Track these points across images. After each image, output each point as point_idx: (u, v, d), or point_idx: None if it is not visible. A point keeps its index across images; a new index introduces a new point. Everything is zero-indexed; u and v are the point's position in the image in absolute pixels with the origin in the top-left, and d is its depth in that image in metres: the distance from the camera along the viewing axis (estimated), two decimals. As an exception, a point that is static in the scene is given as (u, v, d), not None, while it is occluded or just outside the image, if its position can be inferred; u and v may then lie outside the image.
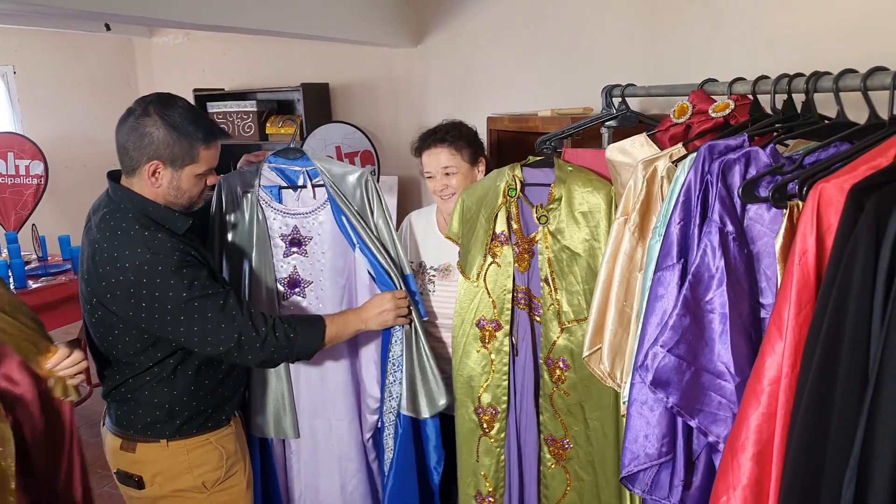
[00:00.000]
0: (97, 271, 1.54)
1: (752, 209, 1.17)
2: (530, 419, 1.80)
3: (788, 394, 0.95)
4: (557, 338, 1.72)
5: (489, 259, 1.80)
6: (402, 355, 1.87)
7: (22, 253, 3.67)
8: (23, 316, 1.48)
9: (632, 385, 1.26)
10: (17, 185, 5.00)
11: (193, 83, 5.63)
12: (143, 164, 1.56)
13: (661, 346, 1.18)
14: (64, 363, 1.48)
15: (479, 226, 1.82)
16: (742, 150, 1.18)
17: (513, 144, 2.94)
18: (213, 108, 5.44)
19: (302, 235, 1.88)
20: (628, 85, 1.90)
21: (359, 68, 5.05)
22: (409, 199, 5.04)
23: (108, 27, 5.09)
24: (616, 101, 1.93)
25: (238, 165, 1.91)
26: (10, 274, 3.36)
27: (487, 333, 1.82)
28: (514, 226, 1.79)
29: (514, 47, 3.65)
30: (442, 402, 1.88)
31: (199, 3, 2.97)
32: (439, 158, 1.97)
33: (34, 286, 3.40)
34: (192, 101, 5.55)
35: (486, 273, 1.81)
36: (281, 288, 1.89)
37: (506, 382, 1.81)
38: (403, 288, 1.85)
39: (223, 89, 5.63)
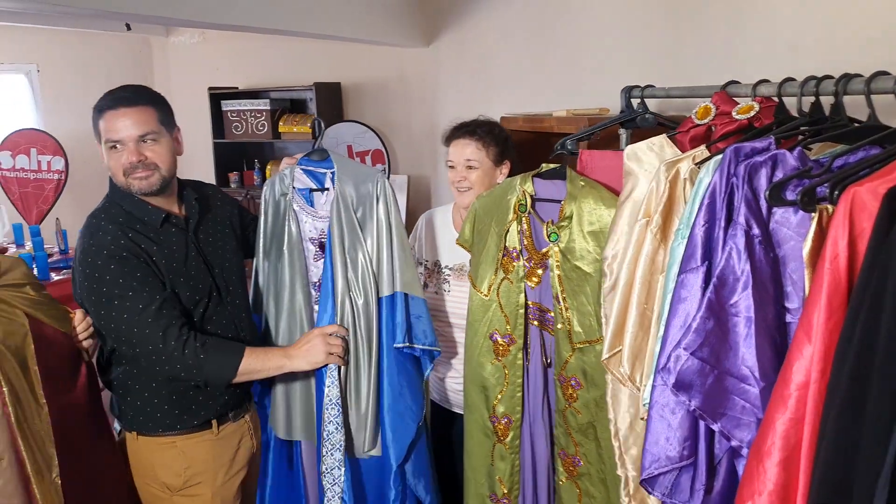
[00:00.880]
0: None
1: (779, 212, 1.16)
2: (542, 429, 1.80)
3: (817, 399, 0.94)
4: (570, 356, 1.69)
5: (501, 274, 1.79)
6: (338, 398, 1.75)
7: (45, 246, 3.72)
8: (39, 284, 1.55)
9: (653, 387, 1.26)
10: (39, 181, 5.06)
11: (208, 82, 5.66)
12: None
13: (685, 349, 1.18)
14: (80, 326, 1.56)
15: (490, 239, 1.81)
16: (769, 152, 1.17)
17: (527, 145, 2.93)
18: (227, 106, 5.47)
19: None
20: (647, 86, 1.89)
21: (371, 68, 5.06)
22: (419, 199, 5.05)
23: (128, 27, 5.14)
24: (635, 102, 1.92)
25: (279, 168, 1.91)
26: (34, 266, 3.43)
27: (501, 348, 1.81)
28: (526, 241, 1.77)
29: (528, 47, 3.64)
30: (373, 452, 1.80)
31: (215, 3, 2.99)
32: (465, 150, 1.97)
33: (56, 278, 3.51)
34: (206, 99, 5.58)
35: (498, 288, 1.79)
36: (314, 292, 1.85)
37: (520, 393, 1.80)
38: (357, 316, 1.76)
39: (237, 88, 5.66)
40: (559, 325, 1.70)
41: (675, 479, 1.26)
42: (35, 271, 3.50)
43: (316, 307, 1.83)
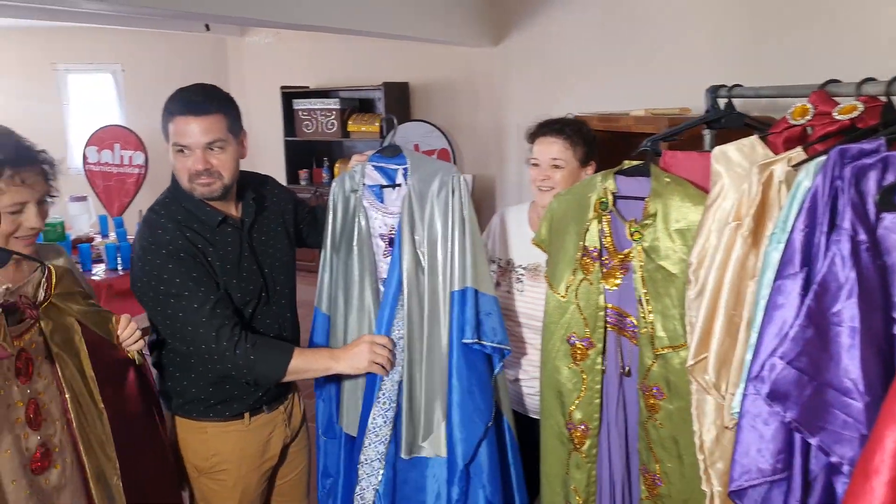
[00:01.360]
0: None
1: (888, 218, 1.10)
2: (618, 441, 1.74)
3: (934, 416, 0.88)
4: (652, 363, 1.62)
5: (580, 275, 1.73)
6: (393, 393, 1.78)
7: (128, 237, 3.90)
8: (86, 293, 1.55)
9: (744, 396, 1.21)
10: (121, 175, 5.31)
11: (281, 81, 5.80)
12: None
13: (780, 358, 1.13)
14: (125, 333, 1.55)
15: (568, 239, 1.76)
16: (879, 154, 1.11)
17: (601, 145, 2.88)
18: (298, 105, 5.59)
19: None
20: (735, 85, 1.83)
21: (439, 68, 5.09)
22: (484, 199, 5.04)
23: (207, 27, 5.31)
24: (721, 102, 1.85)
25: (349, 165, 1.92)
26: (118, 256, 3.58)
27: (579, 352, 1.75)
28: (606, 241, 1.71)
29: (600, 46, 3.58)
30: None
31: (290, 4, 3.06)
32: (551, 149, 1.94)
33: None
34: (279, 98, 5.73)
35: (577, 289, 1.73)
36: (382, 288, 1.84)
37: (598, 400, 1.74)
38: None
39: (308, 87, 5.78)
40: (642, 330, 1.64)
41: (767, 493, 1.21)
42: (119, 262, 3.67)
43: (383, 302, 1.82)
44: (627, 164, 1.73)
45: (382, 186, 1.86)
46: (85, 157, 5.52)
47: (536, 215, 2.01)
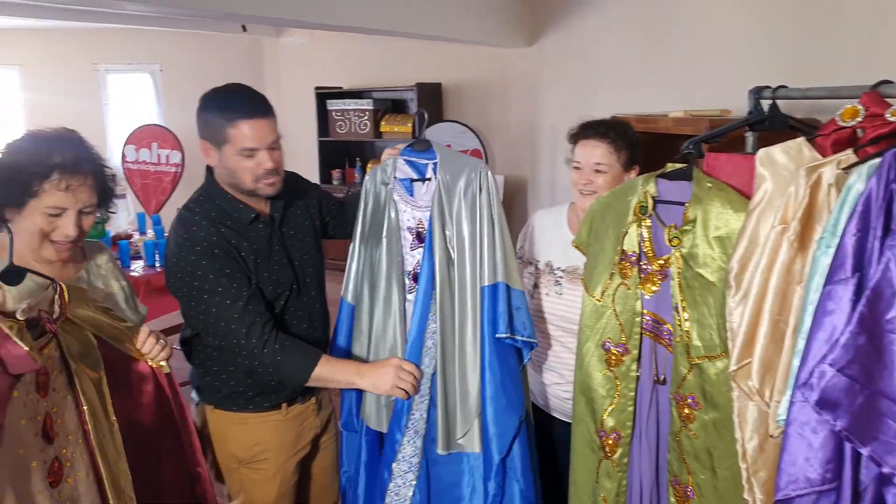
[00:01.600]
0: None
1: (947, 222, 1.07)
2: (648, 451, 1.71)
3: None
4: (687, 373, 1.58)
5: (617, 279, 1.70)
6: (428, 388, 1.79)
7: (165, 234, 3.98)
8: (103, 308, 1.52)
9: (791, 403, 1.19)
10: (158, 173, 5.42)
11: (315, 81, 5.85)
12: (201, 144, 1.69)
13: (830, 365, 1.11)
14: (145, 347, 1.51)
15: (606, 242, 1.73)
16: (937, 157, 1.08)
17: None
18: (332, 105, 5.64)
19: (426, 229, 1.85)
20: (780, 87, 1.79)
21: (472, 68, 5.09)
22: (515, 200, 5.03)
23: (244, 28, 5.39)
24: (765, 103, 1.82)
25: (381, 158, 1.94)
26: (156, 253, 3.66)
27: (614, 357, 1.72)
28: (645, 246, 1.68)
29: (636, 46, 3.55)
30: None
31: (326, 4, 3.09)
32: (594, 153, 1.89)
33: None
34: (313, 98, 5.78)
35: (614, 294, 1.71)
36: (407, 281, 1.87)
37: (631, 408, 1.71)
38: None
39: (342, 88, 5.82)
40: (677, 338, 1.60)
41: (814, 503, 1.18)
42: (157, 258, 3.74)
43: (409, 296, 1.84)
44: (671, 166, 1.69)
45: (413, 180, 1.88)
46: (123, 156, 5.64)
47: (576, 217, 1.98)
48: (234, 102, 1.65)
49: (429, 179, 1.86)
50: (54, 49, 6.17)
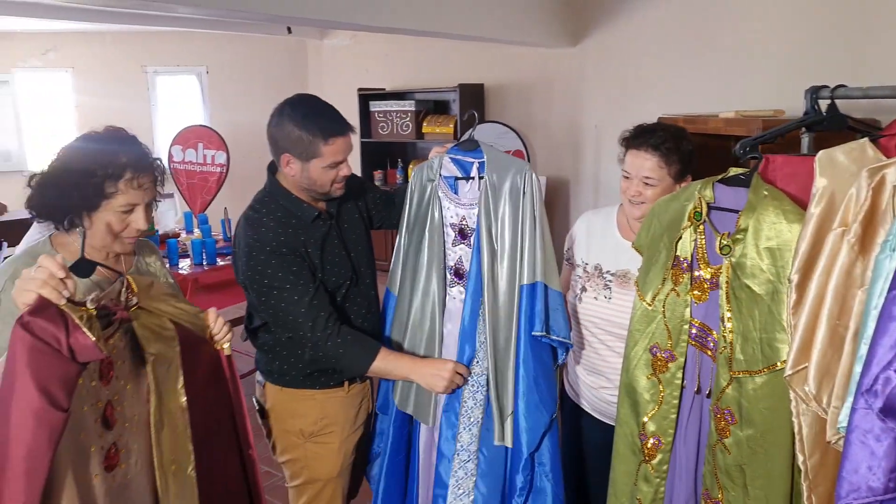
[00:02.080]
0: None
1: None
2: (685, 462, 1.68)
3: None
4: (727, 385, 1.54)
5: (669, 285, 1.67)
6: (483, 378, 1.85)
7: (212, 233, 4.07)
8: (173, 294, 1.55)
9: (853, 410, 1.15)
10: (204, 173, 5.53)
11: (358, 83, 5.91)
12: (280, 155, 1.79)
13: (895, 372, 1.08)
14: (216, 327, 1.57)
15: (661, 247, 1.71)
16: None
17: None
18: (375, 106, 5.68)
19: (468, 226, 1.92)
20: (839, 86, 1.74)
21: (514, 69, 5.08)
22: (557, 200, 5.00)
23: (289, 30, 5.46)
24: (823, 103, 1.77)
25: (429, 156, 2.01)
26: (203, 251, 3.75)
27: (659, 363, 1.70)
28: (699, 253, 1.64)
29: (682, 45, 3.50)
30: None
31: (370, 6, 3.12)
32: (644, 165, 1.83)
33: (221, 263, 3.84)
34: (356, 99, 5.84)
35: (665, 300, 1.68)
36: (448, 276, 1.94)
37: (674, 415, 1.68)
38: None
39: (384, 89, 5.86)
40: (721, 349, 1.57)
41: (877, 512, 1.15)
42: (203, 257, 3.83)
43: (449, 290, 1.92)
44: (733, 171, 1.64)
45: (457, 178, 1.95)
46: (170, 156, 5.78)
47: (626, 221, 1.96)
48: (325, 121, 1.77)
49: (473, 178, 1.92)
50: (105, 52, 6.35)
